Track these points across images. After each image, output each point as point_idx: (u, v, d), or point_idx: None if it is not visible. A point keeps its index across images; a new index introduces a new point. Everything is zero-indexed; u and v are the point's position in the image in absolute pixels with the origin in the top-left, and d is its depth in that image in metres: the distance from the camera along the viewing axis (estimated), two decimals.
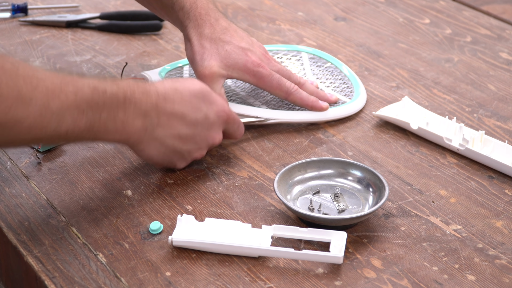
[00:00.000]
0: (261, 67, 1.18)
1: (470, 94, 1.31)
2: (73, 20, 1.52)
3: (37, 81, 0.90)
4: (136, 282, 0.93)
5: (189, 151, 1.07)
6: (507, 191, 1.09)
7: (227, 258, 0.96)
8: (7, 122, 0.87)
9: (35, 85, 0.89)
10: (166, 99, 1.02)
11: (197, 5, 1.20)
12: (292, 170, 1.07)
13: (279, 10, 1.61)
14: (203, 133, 1.06)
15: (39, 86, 0.89)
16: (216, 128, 1.07)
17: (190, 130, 1.04)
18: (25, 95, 0.88)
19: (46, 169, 1.12)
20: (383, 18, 1.58)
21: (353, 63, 1.40)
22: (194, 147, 1.07)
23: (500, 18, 1.57)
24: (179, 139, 1.04)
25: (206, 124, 1.06)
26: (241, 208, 1.05)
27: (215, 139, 1.08)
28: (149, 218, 1.03)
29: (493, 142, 1.15)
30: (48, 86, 0.90)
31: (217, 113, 1.07)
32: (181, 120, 1.04)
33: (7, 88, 0.86)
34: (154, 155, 1.04)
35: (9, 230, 1.01)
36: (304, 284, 0.93)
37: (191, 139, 1.05)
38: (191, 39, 1.19)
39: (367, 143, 1.19)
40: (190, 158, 1.08)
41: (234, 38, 1.19)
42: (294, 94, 1.20)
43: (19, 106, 0.87)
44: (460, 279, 0.94)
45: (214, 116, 1.07)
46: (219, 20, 1.20)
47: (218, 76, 1.16)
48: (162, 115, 1.02)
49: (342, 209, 1.03)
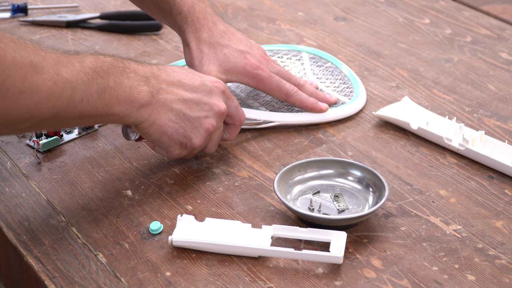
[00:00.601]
0: (260, 70, 1.18)
1: (470, 94, 1.31)
2: (73, 20, 1.52)
3: (44, 53, 0.92)
4: (136, 282, 0.93)
5: (198, 118, 1.05)
6: (507, 191, 1.09)
7: (227, 258, 0.97)
8: (26, 90, 0.88)
9: (43, 55, 0.91)
10: (159, 69, 1.04)
11: (195, 9, 1.20)
12: (292, 170, 1.07)
13: (279, 10, 1.61)
14: (205, 99, 1.06)
15: (47, 57, 0.92)
16: (216, 96, 1.07)
17: (192, 95, 1.05)
18: (37, 64, 0.90)
19: (46, 169, 1.12)
20: (383, 18, 1.58)
21: (353, 63, 1.40)
22: (202, 114, 1.06)
23: (500, 18, 1.57)
24: (184, 104, 1.04)
25: (205, 90, 1.06)
26: (241, 208, 1.05)
27: (219, 106, 1.07)
28: (149, 218, 1.03)
29: (493, 142, 1.15)
30: (54, 57, 0.93)
31: (212, 83, 1.08)
32: (180, 87, 1.04)
33: (20, 57, 0.88)
34: (166, 124, 1.03)
35: (9, 230, 1.01)
36: (304, 284, 0.93)
37: (196, 104, 1.05)
38: (189, 44, 1.19)
39: (367, 143, 1.19)
40: (202, 129, 1.06)
41: (232, 41, 1.19)
42: (294, 96, 1.20)
43: (34, 74, 0.89)
44: (460, 279, 0.94)
45: (211, 85, 1.07)
46: (217, 24, 1.20)
47: None
48: (161, 82, 1.03)
49: (342, 209, 1.03)
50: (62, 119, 0.95)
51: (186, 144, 1.05)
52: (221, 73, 1.17)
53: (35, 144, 1.16)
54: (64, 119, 0.95)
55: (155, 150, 1.11)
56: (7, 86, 0.87)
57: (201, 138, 1.06)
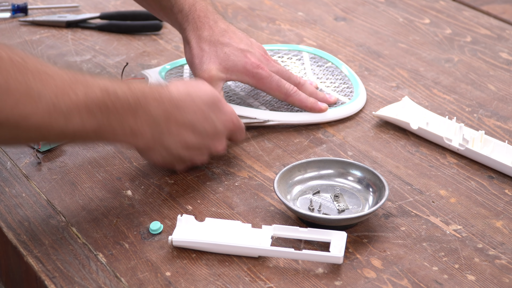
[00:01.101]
0: (260, 69, 1.18)
1: (470, 94, 1.31)
2: (73, 20, 1.52)
3: (47, 77, 0.87)
4: (136, 282, 0.93)
5: (191, 156, 1.06)
6: (507, 191, 1.09)
7: (227, 258, 0.96)
8: (14, 118, 0.84)
9: (45, 81, 0.87)
10: (178, 107, 1.01)
11: (196, 7, 1.20)
12: (292, 170, 1.07)
13: (279, 10, 1.61)
14: (208, 143, 1.06)
15: (49, 83, 0.87)
16: (221, 138, 1.07)
17: (197, 139, 1.04)
18: (34, 90, 0.85)
19: (46, 169, 1.12)
20: (383, 18, 1.58)
21: (353, 63, 1.40)
22: (196, 154, 1.06)
23: (500, 18, 1.57)
24: (185, 147, 1.04)
25: (213, 134, 1.05)
26: (241, 208, 1.05)
27: (218, 148, 1.07)
28: (149, 218, 1.03)
29: (493, 142, 1.15)
30: (57, 83, 0.88)
31: (224, 123, 1.06)
32: (190, 130, 1.03)
33: (15, 82, 0.84)
34: (157, 159, 1.04)
35: (9, 230, 1.01)
36: (304, 284, 0.93)
37: (197, 148, 1.05)
38: (190, 42, 1.19)
39: (367, 143, 1.19)
40: (190, 163, 1.08)
41: (233, 39, 1.19)
42: (293, 96, 1.20)
43: (28, 102, 0.85)
44: (460, 279, 0.94)
45: (222, 126, 1.06)
46: (218, 22, 1.20)
47: (217, 80, 1.16)
48: (172, 124, 1.01)
49: (342, 209, 1.03)
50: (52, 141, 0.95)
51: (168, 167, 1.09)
52: (221, 71, 1.17)
53: (35, 144, 1.16)
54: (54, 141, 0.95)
55: None
56: None
57: (185, 167, 1.09)
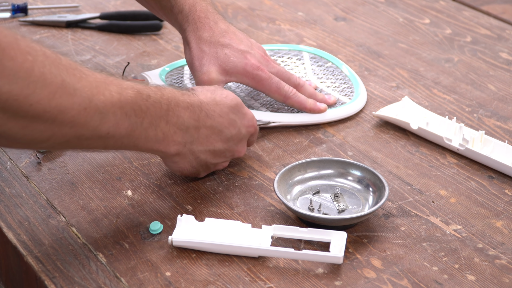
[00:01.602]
0: (260, 70, 1.18)
1: (470, 94, 1.31)
2: (73, 20, 1.52)
3: (80, 74, 0.86)
4: (136, 282, 0.93)
5: (216, 163, 1.08)
6: (507, 191, 1.09)
7: (227, 258, 0.96)
8: (51, 110, 0.83)
9: (79, 77, 0.86)
10: (207, 115, 1.02)
11: (196, 8, 1.19)
12: (292, 170, 1.07)
13: (279, 10, 1.61)
14: (232, 148, 1.06)
15: (83, 79, 0.86)
16: (243, 142, 1.08)
17: (223, 146, 1.05)
18: (69, 85, 0.84)
19: (46, 169, 1.12)
20: (383, 18, 1.58)
21: (353, 63, 1.40)
22: (221, 160, 1.07)
23: (500, 18, 1.57)
24: (212, 154, 1.05)
25: (237, 139, 1.06)
26: (241, 208, 1.05)
27: (240, 152, 1.08)
28: (149, 218, 1.03)
29: (493, 142, 1.15)
30: (91, 81, 0.87)
31: (247, 128, 1.07)
32: (218, 136, 1.04)
33: (50, 75, 0.83)
34: (186, 168, 1.05)
35: (9, 230, 1.01)
36: (304, 284, 0.93)
37: (222, 153, 1.06)
38: (190, 42, 1.19)
39: (367, 143, 1.19)
40: (213, 169, 1.09)
41: (233, 40, 1.19)
42: (292, 98, 1.20)
43: (64, 95, 0.84)
44: (460, 279, 0.94)
45: (245, 131, 1.07)
46: (218, 22, 1.20)
47: (217, 82, 1.16)
48: (202, 131, 1.02)
49: (342, 209, 1.03)
50: (84, 146, 0.91)
51: (193, 176, 1.08)
52: (221, 74, 1.17)
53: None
54: (86, 146, 0.91)
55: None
56: (31, 102, 0.82)
57: (207, 173, 1.09)
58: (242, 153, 1.09)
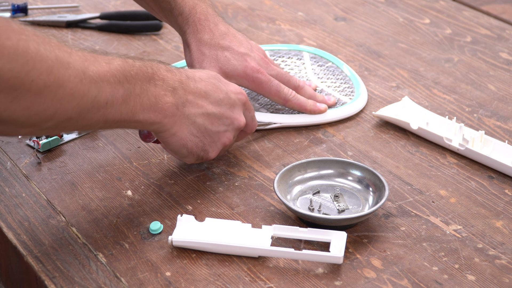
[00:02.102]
0: (260, 73, 1.18)
1: (470, 94, 1.31)
2: (73, 20, 1.52)
3: (70, 50, 0.89)
4: (136, 282, 0.93)
5: (218, 133, 1.06)
6: (507, 191, 1.09)
7: (227, 258, 0.97)
8: (51, 84, 0.86)
9: (69, 52, 0.89)
10: (188, 78, 1.03)
11: (196, 10, 1.19)
12: (292, 170, 1.07)
13: (279, 10, 1.61)
14: (227, 113, 1.06)
15: (73, 54, 0.89)
16: (238, 109, 1.07)
17: (216, 109, 1.04)
18: (63, 59, 0.87)
19: (46, 169, 1.12)
20: (383, 18, 1.58)
21: (353, 63, 1.40)
22: (222, 129, 1.06)
23: (500, 18, 1.57)
24: (208, 118, 1.04)
25: (229, 104, 1.06)
26: (241, 208, 1.05)
27: (240, 121, 1.07)
28: (149, 218, 1.03)
29: (493, 142, 1.15)
30: (80, 55, 0.90)
31: (236, 94, 1.07)
32: (206, 99, 1.04)
33: (45, 51, 0.85)
34: (187, 138, 1.03)
35: (9, 230, 1.01)
36: (304, 284, 0.93)
37: (218, 119, 1.05)
38: (190, 45, 1.19)
39: (367, 143, 1.19)
40: (220, 143, 1.07)
41: (233, 43, 1.19)
42: (292, 100, 1.20)
43: (60, 68, 0.86)
44: (460, 279, 0.94)
45: (234, 97, 1.07)
46: (218, 25, 1.20)
47: None
48: (188, 93, 1.02)
49: (342, 209, 1.03)
50: (86, 121, 0.92)
51: (202, 157, 1.06)
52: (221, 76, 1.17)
53: (35, 144, 1.16)
54: (88, 121, 0.92)
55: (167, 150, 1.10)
56: (32, 78, 0.84)
57: (217, 151, 1.07)
58: (242, 121, 1.07)
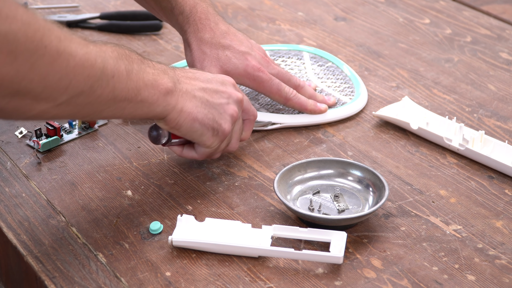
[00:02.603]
0: (261, 72, 1.18)
1: (470, 94, 1.31)
2: (73, 20, 1.52)
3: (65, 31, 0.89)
4: (136, 282, 0.93)
5: (221, 104, 1.05)
6: (507, 191, 1.09)
7: (227, 258, 0.97)
8: (62, 52, 0.86)
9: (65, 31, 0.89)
10: (172, 67, 1.04)
11: (197, 9, 1.19)
12: (292, 170, 1.07)
13: (279, 10, 1.61)
14: (221, 88, 1.06)
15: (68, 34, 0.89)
16: (230, 86, 1.07)
17: (208, 84, 1.05)
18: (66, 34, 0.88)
19: (46, 169, 1.12)
20: (383, 18, 1.58)
21: (353, 63, 1.40)
22: (223, 101, 1.05)
23: (500, 18, 1.57)
24: (205, 91, 1.04)
25: (219, 81, 1.06)
26: (241, 208, 1.05)
27: (236, 94, 1.07)
28: (149, 218, 1.03)
29: (493, 142, 1.15)
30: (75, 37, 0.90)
31: (223, 77, 1.08)
32: (196, 79, 1.04)
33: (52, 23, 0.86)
34: (195, 110, 1.02)
35: (9, 230, 1.01)
36: (304, 284, 0.93)
37: (215, 92, 1.05)
38: (190, 44, 1.19)
39: (367, 143, 1.19)
40: (227, 115, 1.05)
41: (234, 42, 1.19)
42: (293, 99, 1.21)
43: (66, 40, 0.87)
44: (460, 279, 0.94)
45: (222, 77, 1.08)
46: (219, 24, 1.20)
47: None
48: (179, 75, 1.03)
49: (342, 209, 1.03)
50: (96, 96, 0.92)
51: (217, 129, 1.04)
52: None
53: (35, 144, 1.16)
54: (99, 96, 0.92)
55: (183, 154, 1.08)
56: (45, 44, 0.84)
57: (229, 124, 1.06)
58: (240, 95, 1.07)
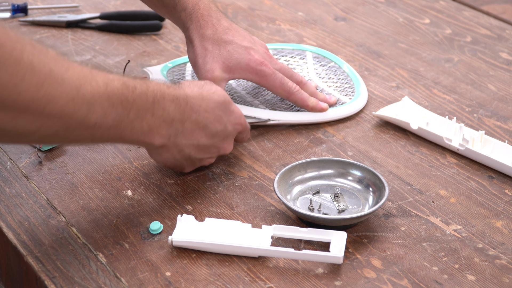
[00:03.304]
0: (264, 66, 1.18)
1: (470, 94, 1.31)
2: (73, 20, 1.52)
3: (68, 64, 0.87)
4: (136, 282, 0.93)
5: (201, 159, 1.07)
6: (507, 191, 1.09)
7: (227, 258, 0.97)
8: (40, 99, 0.83)
9: (66, 67, 0.87)
10: (193, 109, 1.02)
11: (199, 6, 1.20)
12: (292, 170, 1.07)
13: (279, 10, 1.61)
14: (218, 144, 1.06)
15: (70, 69, 0.87)
16: (230, 139, 1.08)
17: (208, 141, 1.05)
18: (57, 74, 0.85)
19: (46, 169, 1.12)
20: (383, 18, 1.58)
21: (353, 63, 1.40)
22: (206, 156, 1.07)
23: (500, 18, 1.57)
24: (197, 149, 1.05)
25: (223, 136, 1.06)
26: (241, 208, 1.05)
27: (226, 149, 1.08)
28: (149, 218, 1.03)
29: (493, 142, 1.15)
30: (78, 71, 0.88)
31: (234, 125, 1.07)
32: (203, 131, 1.03)
33: (39, 63, 0.83)
34: (169, 160, 1.05)
35: (9, 230, 1.01)
36: (304, 284, 0.93)
37: (207, 148, 1.06)
38: (193, 41, 1.19)
39: (367, 143, 1.19)
40: (199, 164, 1.09)
41: (236, 37, 1.19)
42: (296, 94, 1.20)
43: (52, 84, 0.84)
44: (460, 279, 0.94)
45: (231, 128, 1.07)
46: (221, 20, 1.20)
47: (220, 80, 1.16)
48: (187, 125, 1.02)
49: (342, 209, 1.03)
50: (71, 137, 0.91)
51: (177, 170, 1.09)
52: (224, 71, 1.17)
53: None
54: (73, 137, 0.92)
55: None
56: (19, 91, 0.82)
57: (193, 168, 1.09)
58: (228, 150, 1.09)
